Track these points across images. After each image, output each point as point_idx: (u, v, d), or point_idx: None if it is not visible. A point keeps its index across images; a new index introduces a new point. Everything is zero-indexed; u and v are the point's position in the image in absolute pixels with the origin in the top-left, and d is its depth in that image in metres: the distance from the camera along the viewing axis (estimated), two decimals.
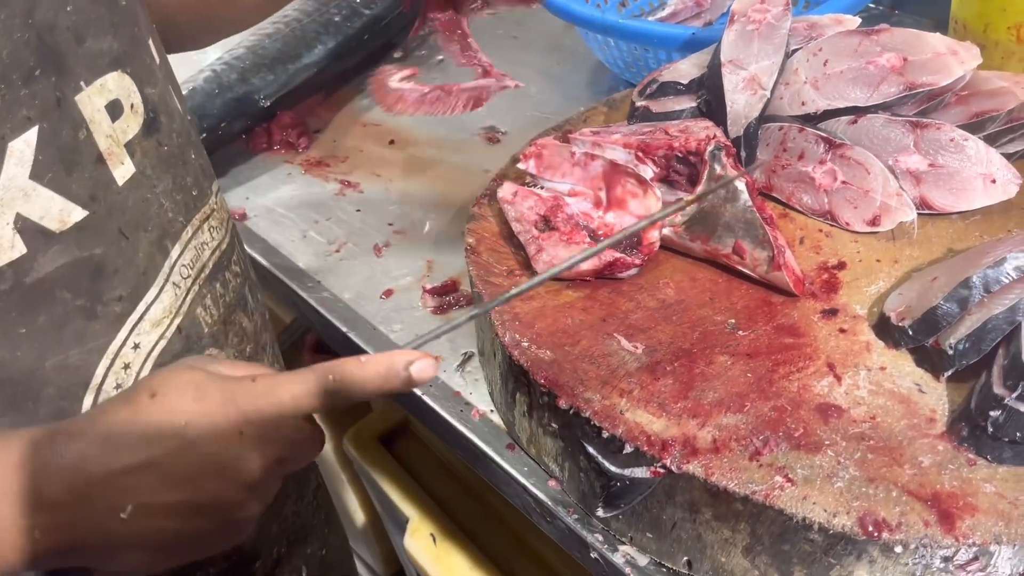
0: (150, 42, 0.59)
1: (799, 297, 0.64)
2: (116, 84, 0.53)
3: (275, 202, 1.02)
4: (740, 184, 0.66)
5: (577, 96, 1.14)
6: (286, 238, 0.96)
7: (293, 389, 0.46)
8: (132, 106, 0.55)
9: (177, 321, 0.59)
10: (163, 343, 0.59)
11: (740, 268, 0.67)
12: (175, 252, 0.59)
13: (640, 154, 0.71)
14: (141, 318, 0.57)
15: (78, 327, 0.53)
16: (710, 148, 0.68)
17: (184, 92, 1.00)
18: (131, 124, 0.55)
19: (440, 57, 1.26)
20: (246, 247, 0.83)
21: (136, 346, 0.57)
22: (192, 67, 1.10)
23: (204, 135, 1.02)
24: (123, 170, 0.54)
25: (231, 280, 0.66)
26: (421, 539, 1.16)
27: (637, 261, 0.68)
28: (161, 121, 0.58)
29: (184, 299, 0.60)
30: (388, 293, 0.86)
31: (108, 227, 0.53)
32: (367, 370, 0.47)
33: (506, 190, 0.74)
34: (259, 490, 0.48)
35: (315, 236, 0.96)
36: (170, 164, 0.59)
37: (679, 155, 0.70)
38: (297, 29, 1.14)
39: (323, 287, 0.88)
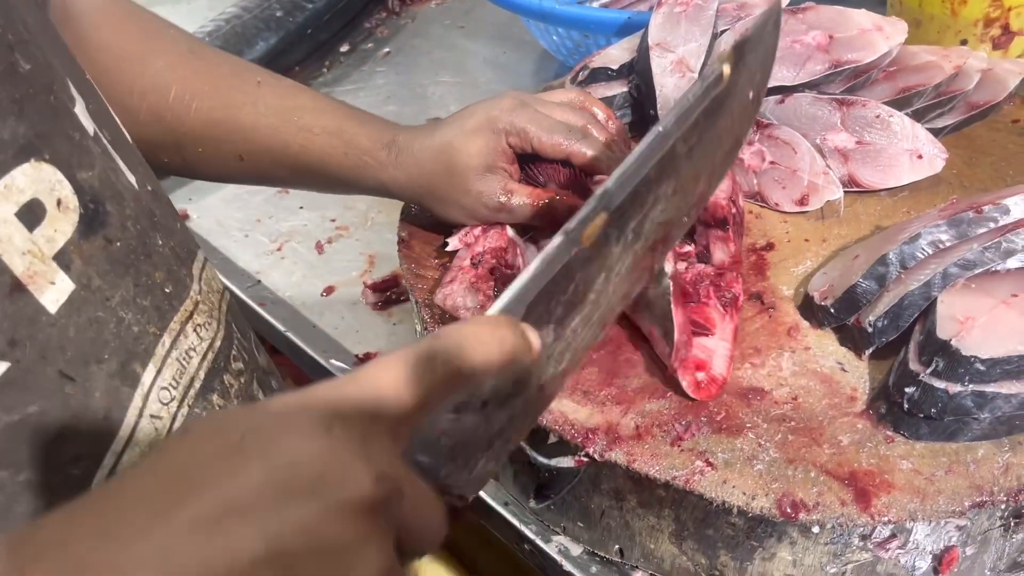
0: (76, 109, 0.45)
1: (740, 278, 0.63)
2: (29, 179, 0.40)
3: (218, 202, 1.01)
4: (668, 267, 0.58)
5: (524, 85, 1.13)
6: (228, 239, 0.95)
7: (387, 374, 0.32)
8: (59, 202, 0.41)
9: None
10: None
11: None
12: (148, 375, 0.45)
13: None
14: (111, 473, 0.43)
15: (25, 510, 0.40)
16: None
17: None
18: (60, 227, 0.41)
19: (386, 50, 1.25)
20: None
21: None
22: None
23: None
24: (55, 292, 0.40)
25: (232, 383, 0.53)
26: None
27: None
28: (107, 211, 0.44)
29: (169, 429, 0.47)
30: (329, 290, 0.86)
31: (42, 374, 0.40)
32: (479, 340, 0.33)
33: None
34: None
35: (257, 235, 0.95)
36: (127, 264, 0.45)
37: None
38: (238, 26, 1.13)
39: (263, 286, 0.88)
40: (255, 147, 0.66)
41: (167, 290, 0.48)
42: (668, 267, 0.58)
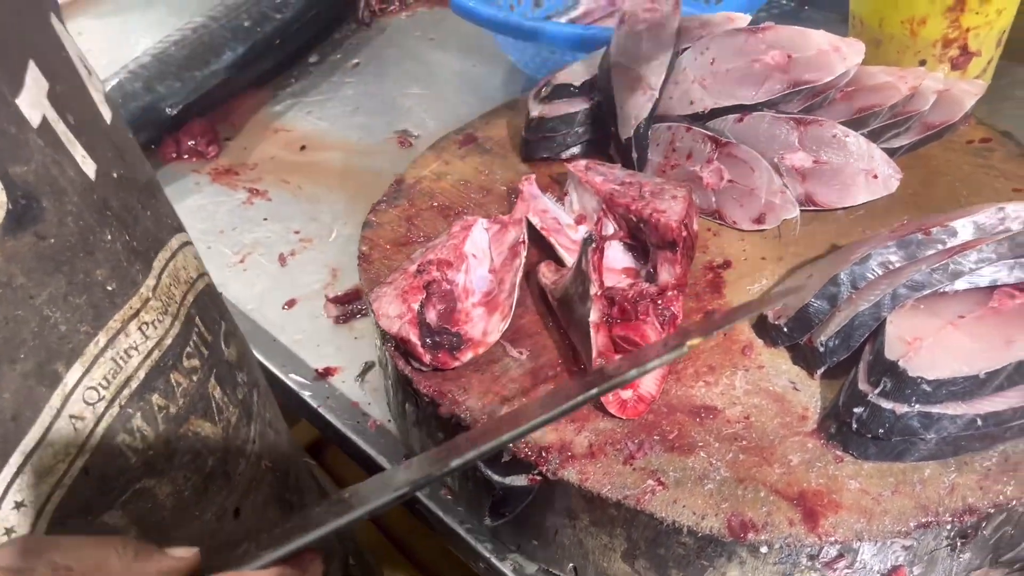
0: (21, 98, 0.43)
1: (683, 298, 0.63)
2: None
3: (181, 213, 0.99)
4: (592, 288, 0.59)
5: (492, 97, 1.13)
6: None
7: None
8: None
9: (82, 461, 0.44)
10: (60, 493, 0.44)
11: None
12: (73, 375, 0.44)
13: (606, 206, 0.68)
14: (18, 472, 0.42)
15: None
16: (584, 237, 0.62)
17: None
18: None
19: (355, 61, 1.25)
20: None
21: (19, 505, 0.43)
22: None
23: None
24: None
25: (181, 382, 0.50)
26: None
27: None
28: (42, 207, 0.43)
29: (93, 430, 0.45)
30: (291, 303, 0.85)
31: None
32: None
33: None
34: None
35: (220, 247, 0.94)
36: (61, 261, 0.44)
37: (635, 218, 0.66)
38: (204, 35, 1.12)
39: (224, 299, 0.87)
40: None
41: (109, 288, 0.46)
42: (593, 288, 0.58)
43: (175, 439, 0.49)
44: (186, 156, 1.09)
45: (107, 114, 0.50)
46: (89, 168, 0.46)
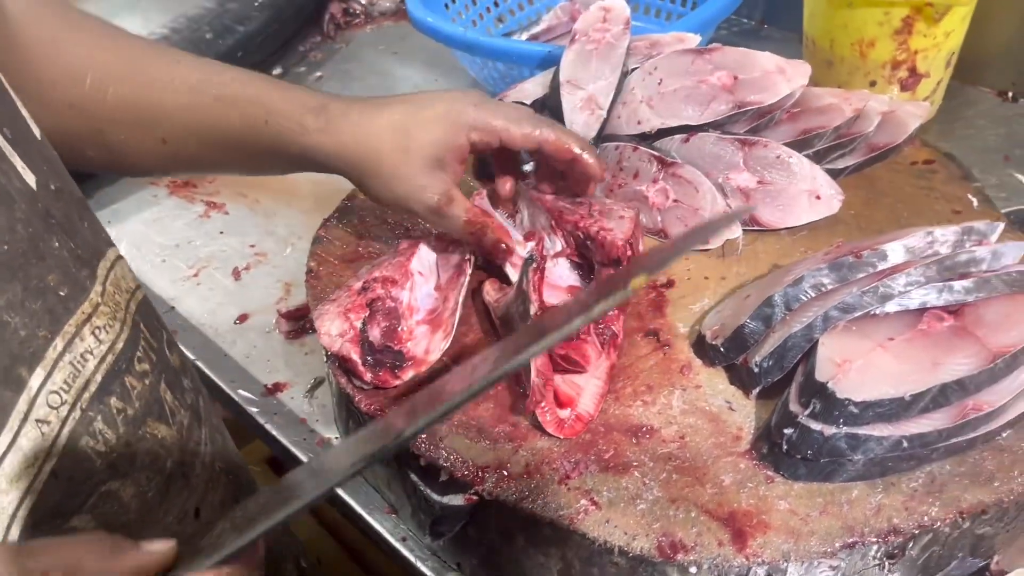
0: None
1: (624, 317, 0.64)
2: None
3: (138, 226, 1.00)
4: (532, 308, 0.59)
5: None
6: (145, 264, 0.94)
7: None
8: None
9: (50, 465, 0.45)
10: (31, 499, 0.44)
11: None
12: (36, 380, 0.45)
13: (555, 223, 0.69)
14: None
15: None
16: (526, 257, 0.63)
17: None
18: None
19: (318, 74, 1.25)
20: None
21: None
22: None
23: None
24: None
25: (135, 385, 0.52)
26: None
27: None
28: None
29: (59, 434, 0.46)
30: (243, 318, 0.85)
31: None
32: None
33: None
34: None
35: (174, 261, 0.94)
36: (15, 267, 0.45)
37: (582, 236, 0.66)
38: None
39: (177, 313, 0.87)
40: (175, 127, 0.64)
41: (61, 293, 0.47)
42: (533, 308, 0.59)
43: (135, 441, 0.50)
44: None
45: (36, 131, 0.51)
46: (30, 179, 0.47)
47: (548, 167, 0.69)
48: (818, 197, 0.70)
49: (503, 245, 0.67)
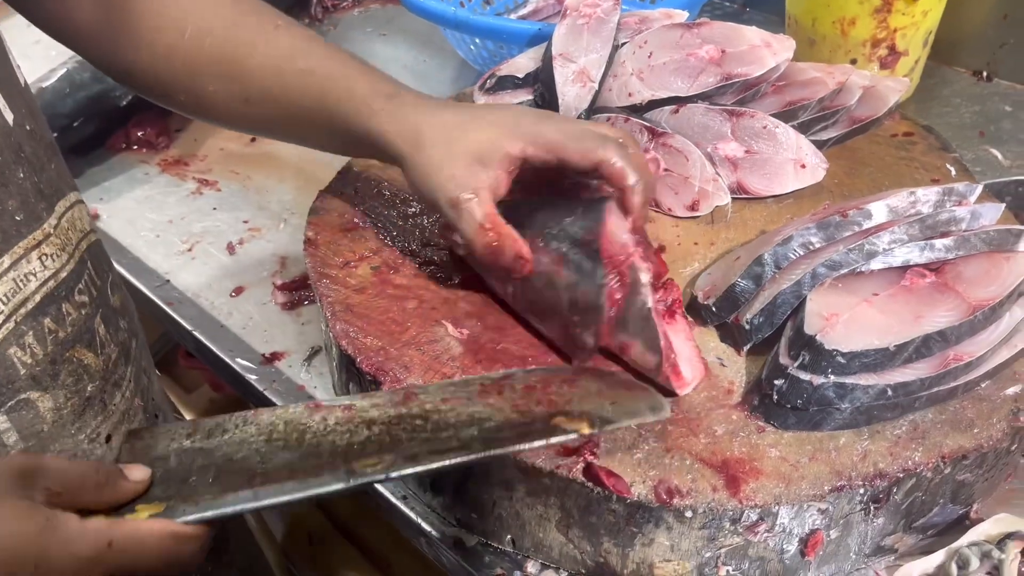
0: None
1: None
2: None
3: (129, 203, 1.00)
4: (644, 277, 0.57)
5: (443, 92, 1.15)
6: (139, 239, 0.94)
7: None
8: None
9: None
10: None
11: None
12: None
13: None
14: None
15: None
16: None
17: (34, 91, 0.97)
18: None
19: None
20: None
21: None
22: (47, 63, 1.07)
23: (56, 135, 1.00)
24: None
25: (71, 312, 0.57)
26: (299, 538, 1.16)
27: None
28: None
29: None
30: (239, 290, 0.86)
31: None
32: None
33: None
34: None
35: (168, 236, 0.94)
36: None
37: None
38: None
39: (172, 286, 0.88)
40: (258, 89, 0.66)
41: (17, 218, 0.53)
42: (644, 277, 0.57)
43: (60, 361, 0.56)
44: (136, 147, 1.09)
45: (21, 78, 0.55)
46: (8, 116, 0.53)
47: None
48: (803, 166, 0.72)
49: (522, 258, 0.61)
